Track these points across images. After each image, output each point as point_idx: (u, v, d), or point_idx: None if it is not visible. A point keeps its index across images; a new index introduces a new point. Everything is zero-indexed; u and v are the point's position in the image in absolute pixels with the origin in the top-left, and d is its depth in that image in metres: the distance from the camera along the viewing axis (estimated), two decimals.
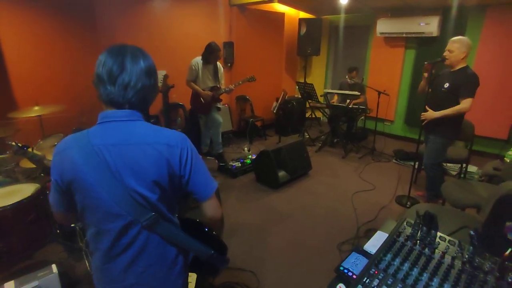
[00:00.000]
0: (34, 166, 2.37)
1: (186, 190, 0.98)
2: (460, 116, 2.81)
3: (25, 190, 2.23)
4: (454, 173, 4.11)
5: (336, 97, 5.40)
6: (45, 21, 3.45)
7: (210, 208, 1.03)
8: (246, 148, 4.88)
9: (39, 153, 1.96)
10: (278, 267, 2.42)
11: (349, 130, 5.39)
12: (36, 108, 2.88)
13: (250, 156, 4.42)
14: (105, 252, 0.95)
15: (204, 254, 1.02)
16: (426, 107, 2.87)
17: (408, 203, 3.35)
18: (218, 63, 4.03)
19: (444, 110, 2.75)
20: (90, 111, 3.25)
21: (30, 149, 1.91)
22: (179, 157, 0.93)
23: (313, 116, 6.41)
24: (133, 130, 0.91)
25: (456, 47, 2.72)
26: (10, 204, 2.00)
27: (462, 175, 3.68)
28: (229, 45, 5.20)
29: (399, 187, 3.77)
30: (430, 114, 2.82)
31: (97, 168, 0.87)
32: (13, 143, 1.90)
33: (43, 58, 3.50)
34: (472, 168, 4.01)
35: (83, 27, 3.68)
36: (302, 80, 6.00)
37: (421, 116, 2.87)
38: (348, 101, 5.00)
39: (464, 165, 3.57)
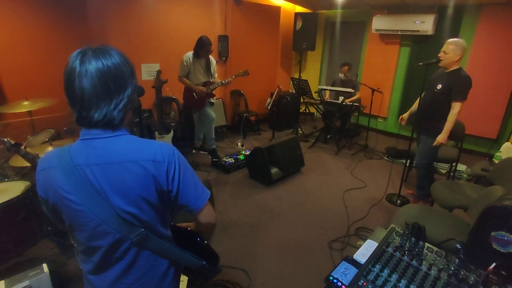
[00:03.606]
0: (23, 164, 2.33)
1: (176, 203, 0.96)
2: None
3: (14, 188, 2.20)
4: (444, 171, 4.18)
5: (328, 92, 5.39)
6: (35, 11, 3.34)
7: (203, 217, 1.02)
8: (239, 143, 4.88)
9: (32, 151, 1.94)
10: (269, 265, 2.46)
11: (343, 126, 5.43)
12: (26, 103, 2.80)
13: (243, 152, 4.42)
14: (95, 265, 0.95)
15: (195, 265, 1.03)
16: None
17: (399, 201, 3.41)
18: (210, 56, 3.98)
19: (446, 126, 2.79)
20: None
21: (22, 147, 1.88)
22: (166, 173, 0.89)
23: (307, 111, 6.41)
24: (116, 147, 0.87)
25: (451, 49, 2.74)
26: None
27: (451, 174, 3.75)
28: (224, 38, 5.14)
29: (390, 185, 3.82)
30: (442, 138, 2.81)
31: (81, 189, 0.84)
32: (6, 140, 1.87)
33: (33, 49, 3.40)
34: (461, 167, 4.08)
35: (74, 19, 3.58)
36: (297, 75, 5.98)
37: (435, 143, 2.85)
38: (341, 97, 5.01)
39: (453, 164, 3.64)
